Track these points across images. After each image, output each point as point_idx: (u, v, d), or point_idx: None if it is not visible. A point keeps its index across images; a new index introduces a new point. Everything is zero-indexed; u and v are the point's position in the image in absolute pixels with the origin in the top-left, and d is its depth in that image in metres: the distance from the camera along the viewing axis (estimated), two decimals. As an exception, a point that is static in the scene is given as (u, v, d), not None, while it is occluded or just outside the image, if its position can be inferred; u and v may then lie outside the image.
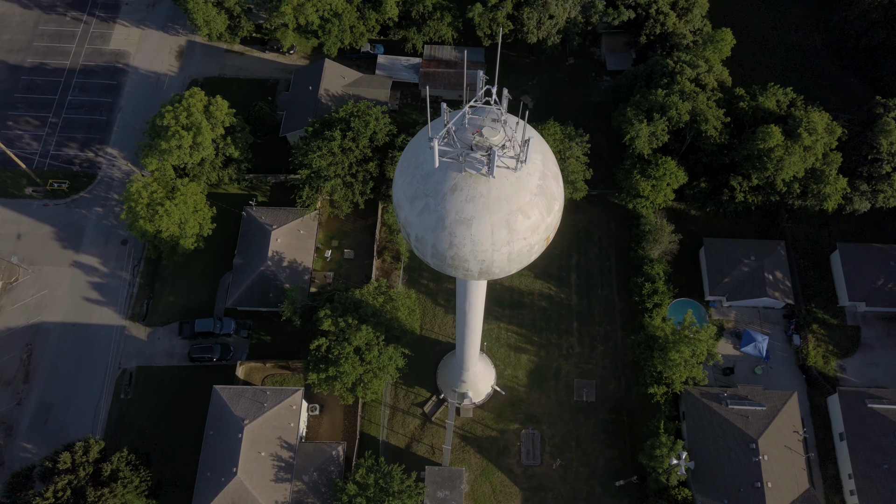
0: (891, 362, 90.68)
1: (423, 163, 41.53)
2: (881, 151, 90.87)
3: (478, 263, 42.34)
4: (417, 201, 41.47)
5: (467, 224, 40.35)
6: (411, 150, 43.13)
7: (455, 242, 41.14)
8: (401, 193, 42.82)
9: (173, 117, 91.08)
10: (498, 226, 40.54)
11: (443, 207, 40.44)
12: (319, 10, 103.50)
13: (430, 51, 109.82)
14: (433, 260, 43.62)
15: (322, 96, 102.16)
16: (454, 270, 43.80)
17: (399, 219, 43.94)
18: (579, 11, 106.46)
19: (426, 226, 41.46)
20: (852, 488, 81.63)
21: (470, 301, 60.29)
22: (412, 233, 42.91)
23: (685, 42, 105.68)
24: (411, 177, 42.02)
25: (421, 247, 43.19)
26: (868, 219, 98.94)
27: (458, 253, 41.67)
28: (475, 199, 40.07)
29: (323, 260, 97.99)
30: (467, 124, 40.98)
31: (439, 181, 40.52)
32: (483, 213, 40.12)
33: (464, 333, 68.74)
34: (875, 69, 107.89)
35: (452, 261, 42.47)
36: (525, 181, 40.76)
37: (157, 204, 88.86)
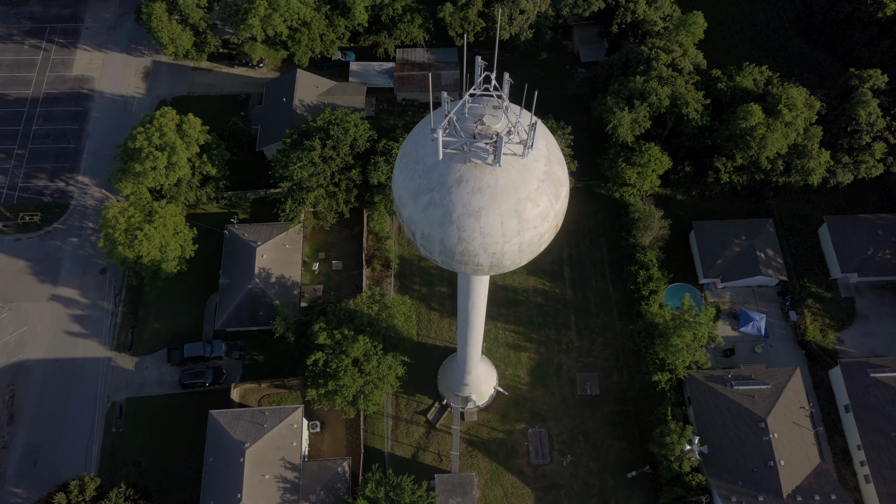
0: (887, 330, 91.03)
1: (424, 156, 40.00)
2: (860, 122, 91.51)
3: (488, 257, 40.86)
4: (421, 197, 39.90)
5: (476, 216, 38.86)
6: (410, 145, 41.56)
7: (464, 237, 39.62)
8: (402, 190, 41.20)
9: (146, 138, 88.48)
10: (507, 216, 39.12)
11: (449, 201, 38.92)
12: (287, 21, 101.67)
13: (402, 54, 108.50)
14: (441, 257, 42.03)
15: (297, 107, 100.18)
16: (463, 266, 42.26)
17: (402, 217, 42.29)
18: (549, 5, 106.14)
19: (432, 221, 39.89)
20: (862, 459, 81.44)
21: (473, 300, 58.77)
22: (417, 230, 41.29)
23: (656, 28, 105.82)
24: (413, 172, 40.44)
25: (428, 244, 41.58)
26: (852, 190, 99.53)
27: (468, 247, 40.14)
28: (482, 190, 38.61)
29: (311, 273, 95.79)
30: (468, 114, 39.55)
31: (443, 174, 39.01)
32: (491, 204, 38.69)
33: (466, 334, 67.12)
34: (843, 43, 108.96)
35: (462, 256, 40.92)
36: (532, 168, 39.44)
37: (135, 229, 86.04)
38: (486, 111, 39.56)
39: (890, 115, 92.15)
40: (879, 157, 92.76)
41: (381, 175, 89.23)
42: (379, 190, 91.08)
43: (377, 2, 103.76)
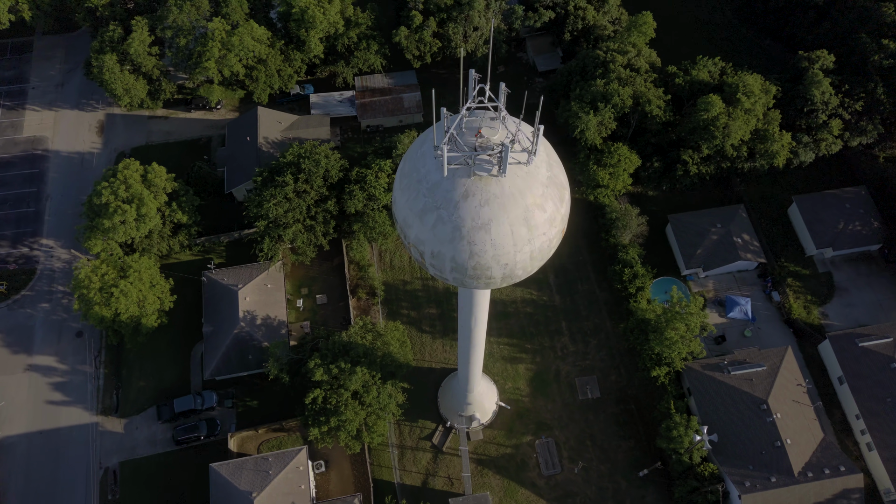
0: (867, 300, 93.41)
1: (426, 174, 39.57)
2: (815, 102, 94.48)
3: (501, 268, 40.48)
4: (428, 215, 39.40)
5: (486, 229, 38.52)
6: (410, 165, 41.06)
7: (475, 250, 39.20)
8: (407, 211, 40.62)
9: (111, 193, 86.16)
10: (517, 224, 38.88)
11: (457, 216, 38.50)
12: (243, 59, 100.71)
13: (361, 82, 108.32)
14: (453, 274, 41.47)
15: (262, 145, 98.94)
16: (476, 281, 41.78)
17: (409, 239, 41.67)
18: (501, 19, 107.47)
19: (442, 239, 39.39)
20: (862, 428, 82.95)
21: (476, 316, 58.28)
22: (427, 249, 40.71)
23: (607, 33, 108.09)
24: (416, 192, 39.93)
25: (438, 263, 41.00)
26: (813, 168, 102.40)
27: (480, 261, 39.72)
28: (490, 202, 38.32)
29: (296, 310, 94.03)
30: (465, 128, 39.37)
31: (448, 190, 38.62)
32: (500, 215, 38.41)
33: (469, 351, 66.46)
34: (787, 28, 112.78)
35: (474, 270, 40.45)
36: (535, 174, 39.37)
37: (110, 286, 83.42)
38: (483, 123, 39.49)
39: (842, 93, 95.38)
40: (837, 134, 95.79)
41: (358, 203, 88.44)
42: (357, 218, 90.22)
43: (331, 32, 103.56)
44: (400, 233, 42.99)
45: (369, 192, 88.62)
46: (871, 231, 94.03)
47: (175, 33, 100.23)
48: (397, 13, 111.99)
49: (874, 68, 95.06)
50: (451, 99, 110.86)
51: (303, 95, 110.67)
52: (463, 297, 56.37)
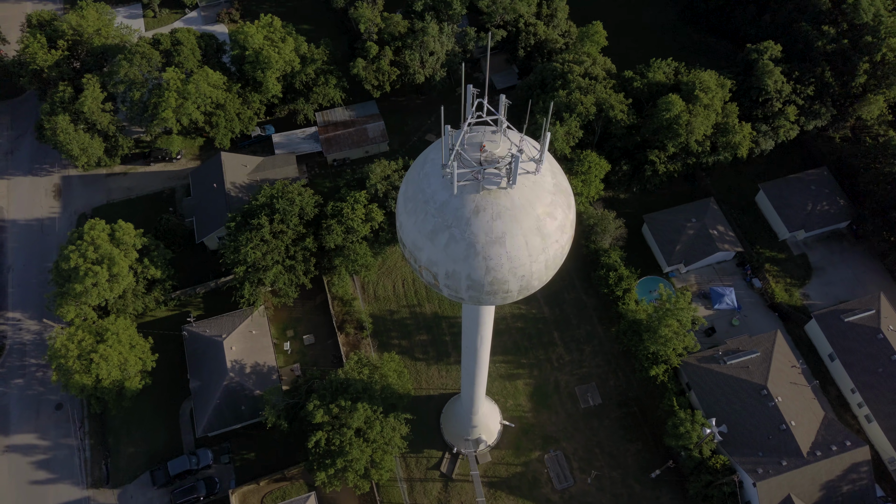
0: (844, 276, 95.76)
1: (433, 194, 38.97)
2: (769, 91, 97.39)
3: (517, 281, 39.96)
4: (439, 235, 38.74)
5: (500, 242, 38.04)
6: (413, 187, 40.36)
7: (492, 265, 38.65)
8: (416, 234, 39.88)
9: (80, 255, 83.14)
10: (530, 235, 38.52)
11: (470, 233, 37.95)
12: (201, 106, 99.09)
13: (322, 117, 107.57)
14: (469, 293, 40.75)
15: (230, 190, 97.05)
16: (492, 297, 41.12)
17: (420, 262, 40.85)
18: (455, 42, 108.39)
19: (456, 258, 38.74)
20: (859, 401, 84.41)
21: (482, 334, 57.45)
22: (440, 271, 39.95)
23: (558, 46, 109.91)
24: (424, 213, 39.26)
25: (453, 283, 40.26)
26: (773, 156, 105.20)
27: (497, 276, 39.16)
28: (501, 215, 37.89)
29: (284, 354, 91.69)
30: (467, 144, 39.03)
31: (458, 207, 38.07)
32: (513, 227, 38.01)
33: (474, 371, 65.40)
34: (730, 24, 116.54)
35: (491, 286, 39.83)
36: (541, 183, 39.17)
37: (89, 352, 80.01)
38: (485, 137, 39.24)
39: (793, 80, 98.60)
40: (793, 119, 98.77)
41: (337, 237, 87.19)
42: (338, 253, 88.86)
43: (288, 71, 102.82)
44: (409, 258, 42.15)
45: (347, 225, 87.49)
46: (838, 209, 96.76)
47: (128, 87, 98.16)
48: (351, 46, 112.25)
49: (820, 54, 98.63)
50: (414, 125, 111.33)
51: (264, 137, 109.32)
52: (467, 317, 55.56)
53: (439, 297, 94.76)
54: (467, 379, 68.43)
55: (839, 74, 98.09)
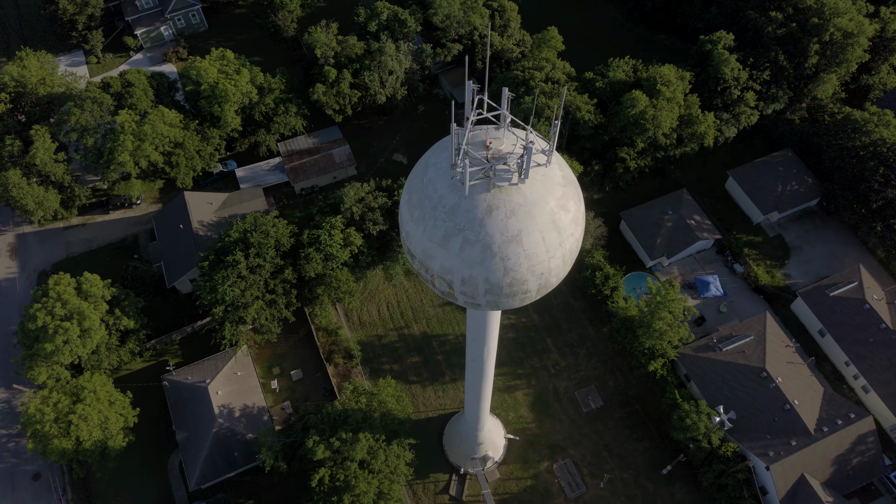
0: (821, 252, 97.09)
1: (441, 199, 37.27)
2: (727, 79, 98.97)
3: (536, 279, 38.40)
4: (452, 240, 36.99)
5: (517, 241, 36.49)
6: (418, 195, 38.53)
7: (510, 265, 37.03)
8: (427, 242, 38.05)
9: (47, 313, 78.72)
10: (546, 230, 37.08)
11: (485, 234, 36.31)
12: (159, 147, 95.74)
13: (286, 146, 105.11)
14: (487, 297, 39.00)
15: (198, 229, 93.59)
16: (511, 299, 39.43)
17: (432, 272, 38.98)
18: (412, 60, 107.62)
19: (472, 261, 37.01)
20: (854, 373, 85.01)
21: (489, 345, 55.65)
22: (456, 277, 38.14)
23: (514, 55, 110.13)
24: (433, 219, 37.49)
25: (470, 288, 38.47)
26: (737, 142, 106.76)
27: (516, 276, 37.55)
28: (516, 212, 36.38)
29: (272, 393, 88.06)
30: (470, 143, 37.58)
31: (469, 209, 36.45)
32: (529, 223, 36.53)
33: (480, 385, 63.38)
34: (677, 20, 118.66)
35: (510, 287, 38.18)
36: (551, 176, 37.88)
37: (66, 414, 75.43)
38: (489, 134, 37.88)
39: (748, 66, 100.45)
40: (753, 105, 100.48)
41: (317, 265, 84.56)
42: (319, 281, 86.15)
43: (246, 103, 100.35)
44: (419, 268, 40.21)
45: (326, 252, 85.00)
46: (807, 188, 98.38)
47: (80, 135, 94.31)
48: (306, 73, 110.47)
49: (771, 39, 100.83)
50: (379, 146, 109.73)
51: (227, 172, 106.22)
52: (473, 327, 53.73)
53: (427, 317, 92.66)
54: (472, 394, 66.33)
55: (791, 57, 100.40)
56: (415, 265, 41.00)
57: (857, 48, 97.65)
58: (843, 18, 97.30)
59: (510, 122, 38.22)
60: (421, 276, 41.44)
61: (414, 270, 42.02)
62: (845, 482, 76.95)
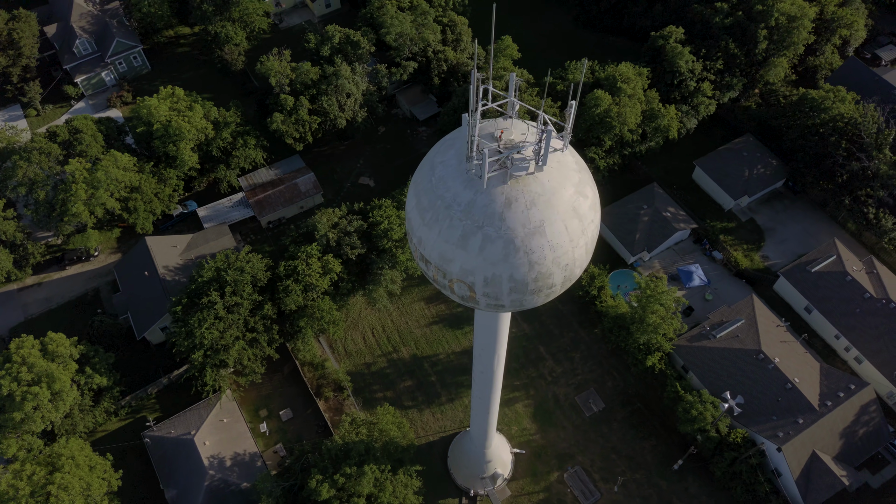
0: (793, 232, 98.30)
1: (455, 196, 35.23)
2: (683, 72, 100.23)
3: (562, 271, 36.58)
4: (472, 239, 34.93)
5: (540, 232, 34.65)
6: (429, 195, 36.31)
7: (534, 259, 35.12)
8: (443, 245, 35.88)
9: (12, 380, 73.24)
10: (568, 218, 35.38)
11: (506, 228, 34.38)
12: (115, 193, 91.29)
13: (247, 180, 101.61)
14: (512, 297, 36.95)
15: (164, 275, 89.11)
16: (536, 296, 37.47)
17: (451, 276, 36.77)
18: (368, 81, 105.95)
19: (495, 259, 34.99)
20: (846, 345, 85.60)
21: (499, 353, 53.58)
22: (478, 279, 36.01)
23: (469, 68, 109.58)
24: (448, 220, 35.38)
25: (494, 289, 36.38)
26: (698, 134, 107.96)
27: (541, 270, 35.64)
28: (536, 202, 34.59)
29: (262, 437, 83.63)
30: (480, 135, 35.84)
31: (487, 204, 34.51)
32: (550, 213, 34.78)
33: (489, 398, 61.11)
34: (624, 20, 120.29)
35: (536, 283, 36.23)
36: (565, 162, 36.32)
37: (44, 486, 69.73)
38: (497, 124, 36.20)
39: (701, 57, 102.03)
40: (710, 94, 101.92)
41: (297, 297, 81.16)
42: (300, 313, 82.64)
43: (202, 139, 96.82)
44: (435, 274, 37.92)
45: (305, 283, 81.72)
46: (772, 170, 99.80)
47: (29, 189, 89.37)
48: (261, 104, 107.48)
49: (719, 29, 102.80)
50: (344, 171, 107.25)
51: (187, 214, 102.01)
52: (482, 336, 51.58)
53: (415, 339, 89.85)
54: (480, 408, 63.92)
55: (741, 45, 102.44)
56: (429, 272, 38.71)
57: (803, 30, 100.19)
58: (786, 3, 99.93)
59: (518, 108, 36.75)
60: (437, 284, 39.17)
61: (428, 278, 39.63)
62: (855, 454, 76.83)
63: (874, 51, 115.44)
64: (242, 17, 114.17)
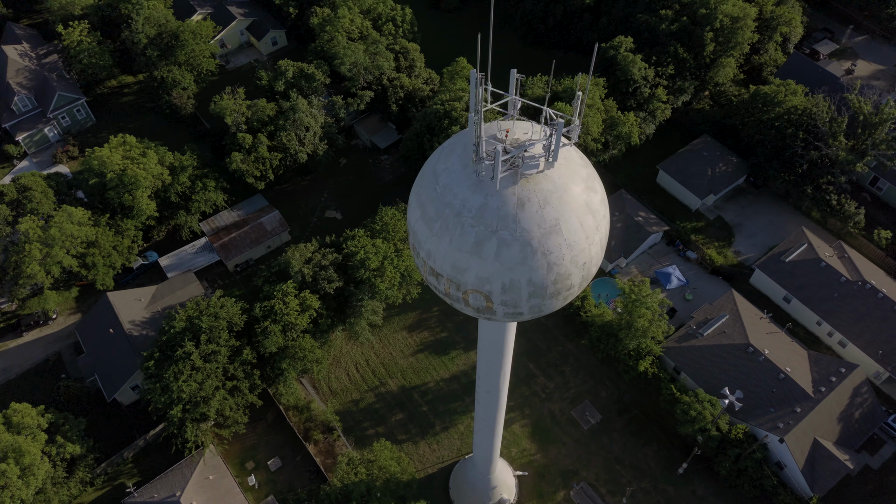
0: (760, 225, 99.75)
1: (463, 202, 33.68)
2: (637, 79, 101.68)
3: (580, 270, 35.20)
4: (486, 245, 33.34)
5: (556, 230, 33.31)
6: (435, 204, 34.59)
7: (553, 260, 33.70)
8: (456, 254, 34.16)
9: (-26, 459, 67.69)
10: (582, 214, 34.19)
11: (522, 230, 32.94)
12: (71, 250, 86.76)
13: (209, 224, 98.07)
14: (531, 302, 35.30)
15: (131, 331, 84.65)
16: (555, 299, 35.92)
17: (466, 287, 34.99)
18: (325, 114, 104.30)
19: (512, 263, 33.43)
20: (828, 330, 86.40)
21: (505, 369, 51.71)
22: (495, 286, 34.32)
23: (425, 92, 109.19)
24: (459, 227, 33.74)
25: (512, 295, 34.70)
26: (656, 139, 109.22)
27: (560, 270, 34.21)
28: (549, 200, 33.31)
29: (252, 491, 79.18)
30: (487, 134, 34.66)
31: (499, 206, 33.05)
32: (564, 210, 33.53)
33: (494, 418, 58.92)
34: (570, 36, 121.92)
35: (555, 285, 34.72)
36: (571, 157, 35.29)
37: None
38: (501, 124, 35.03)
39: (653, 64, 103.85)
40: (665, 99, 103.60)
41: (277, 338, 77.82)
42: (281, 355, 79.20)
43: (159, 185, 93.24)
44: (447, 287, 36.07)
45: (284, 322, 78.51)
46: (733, 167, 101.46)
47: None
48: (217, 146, 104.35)
49: (666, 35, 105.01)
50: (308, 207, 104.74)
51: (148, 265, 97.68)
52: (487, 352, 49.74)
53: (401, 369, 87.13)
54: (485, 431, 61.65)
55: (690, 49, 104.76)
56: (440, 287, 36.83)
57: (746, 30, 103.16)
58: (728, 4, 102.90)
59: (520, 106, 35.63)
60: (448, 298, 37.31)
61: (439, 293, 37.75)
62: (853, 437, 77.00)
63: (812, 46, 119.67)
64: (189, 60, 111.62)
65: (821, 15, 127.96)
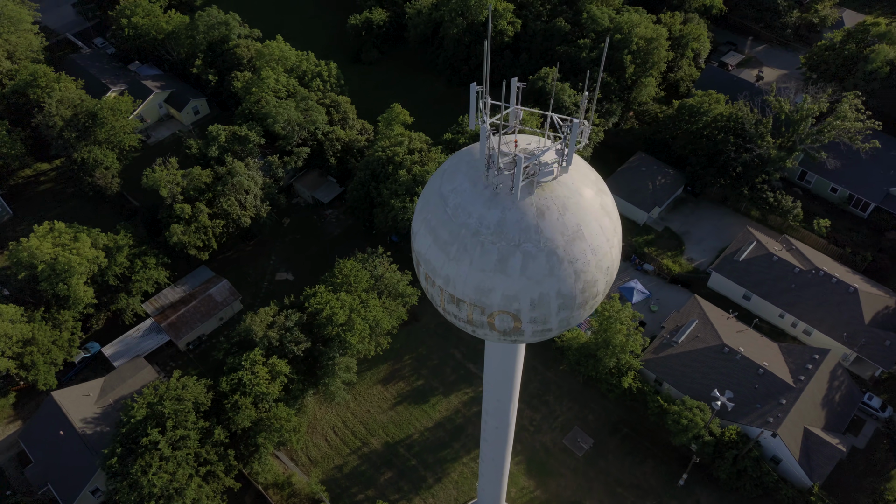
0: (706, 231, 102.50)
1: (480, 219, 32.13)
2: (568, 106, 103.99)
3: (604, 275, 34.09)
4: (511, 261, 31.77)
5: (579, 236, 32.19)
6: (449, 226, 32.79)
7: (579, 267, 32.44)
8: (479, 275, 32.34)
9: None
10: (600, 216, 33.39)
11: (545, 240, 31.63)
12: (6, 351, 79.39)
13: (152, 305, 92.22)
14: (560, 315, 33.72)
15: (83, 429, 77.60)
16: (582, 310, 34.46)
17: (492, 308, 33.11)
18: (263, 174, 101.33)
19: (539, 276, 31.93)
20: (792, 321, 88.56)
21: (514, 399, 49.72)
22: (523, 304, 32.62)
23: (360, 144, 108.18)
24: (479, 246, 32.04)
25: (542, 311, 33.06)
26: (593, 161, 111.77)
27: (587, 278, 32.97)
28: (567, 206, 32.27)
29: (240, 582, 72.75)
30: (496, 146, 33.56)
31: (519, 219, 31.70)
32: (584, 215, 32.59)
33: (503, 456, 56.34)
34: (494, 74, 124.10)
35: (583, 294, 33.36)
36: (577, 162, 34.64)
37: None
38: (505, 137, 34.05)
39: (579, 90, 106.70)
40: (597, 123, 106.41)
41: (250, 412, 72.86)
42: (256, 429, 74.05)
43: (95, 270, 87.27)
44: (471, 313, 34.11)
45: (255, 394, 73.73)
46: (671, 179, 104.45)
47: None
48: (150, 222, 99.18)
49: (587, 63, 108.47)
50: (257, 273, 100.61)
51: (90, 357, 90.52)
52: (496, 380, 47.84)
53: (382, 425, 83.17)
54: (493, 472, 58.78)
55: (612, 73, 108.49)
56: (462, 314, 34.80)
57: (661, 49, 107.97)
58: (640, 28, 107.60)
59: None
60: (469, 325, 35.20)
61: (458, 322, 35.65)
62: (838, 420, 78.37)
63: (720, 59, 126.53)
64: (109, 137, 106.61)
65: (722, 30, 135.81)
